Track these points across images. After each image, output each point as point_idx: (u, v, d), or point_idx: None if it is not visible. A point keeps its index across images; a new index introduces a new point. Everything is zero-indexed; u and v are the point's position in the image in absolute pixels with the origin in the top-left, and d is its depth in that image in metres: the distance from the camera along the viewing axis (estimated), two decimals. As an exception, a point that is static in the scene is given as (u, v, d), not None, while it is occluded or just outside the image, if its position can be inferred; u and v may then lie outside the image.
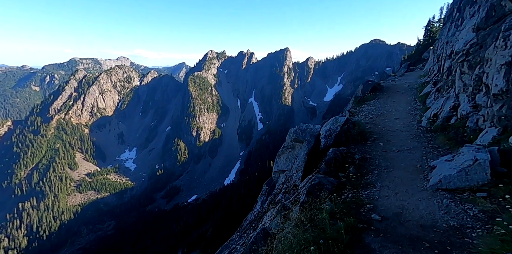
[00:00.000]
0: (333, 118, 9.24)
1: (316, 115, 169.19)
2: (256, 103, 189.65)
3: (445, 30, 16.11)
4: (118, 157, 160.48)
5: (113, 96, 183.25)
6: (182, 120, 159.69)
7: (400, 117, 11.11)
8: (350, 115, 12.76)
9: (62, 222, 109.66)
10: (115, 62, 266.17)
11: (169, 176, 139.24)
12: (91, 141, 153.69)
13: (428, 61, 25.50)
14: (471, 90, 7.76)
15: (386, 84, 20.47)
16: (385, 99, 14.91)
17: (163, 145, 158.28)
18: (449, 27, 14.30)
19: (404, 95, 15.58)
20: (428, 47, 40.44)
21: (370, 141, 8.53)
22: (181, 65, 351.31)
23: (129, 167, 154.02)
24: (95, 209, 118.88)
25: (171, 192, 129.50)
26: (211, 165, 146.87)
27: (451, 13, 16.99)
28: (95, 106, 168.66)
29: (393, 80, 23.50)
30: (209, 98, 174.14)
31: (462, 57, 8.37)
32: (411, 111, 11.71)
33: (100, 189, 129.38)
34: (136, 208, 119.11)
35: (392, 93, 16.53)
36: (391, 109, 12.60)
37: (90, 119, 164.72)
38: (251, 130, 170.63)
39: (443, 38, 15.77)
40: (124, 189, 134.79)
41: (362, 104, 14.79)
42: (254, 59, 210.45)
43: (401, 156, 7.15)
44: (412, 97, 14.53)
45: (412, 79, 22.12)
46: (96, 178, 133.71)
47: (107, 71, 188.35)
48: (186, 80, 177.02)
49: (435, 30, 55.46)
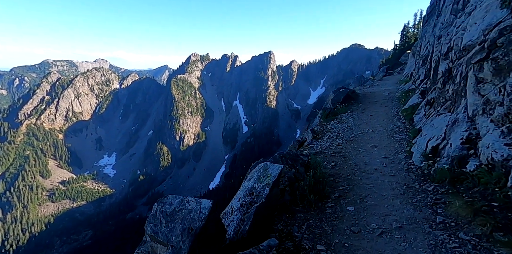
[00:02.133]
0: (260, 165, 4.81)
1: (300, 118, 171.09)
2: (241, 106, 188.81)
3: (429, 27, 14.21)
4: (96, 163, 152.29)
5: (90, 100, 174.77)
6: (165, 124, 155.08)
7: (380, 144, 8.02)
8: (314, 137, 9.88)
9: (32, 235, 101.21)
10: (93, 65, 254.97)
11: (151, 181, 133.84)
12: (66, 147, 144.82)
13: (407, 65, 24.12)
14: (503, 113, 4.29)
15: (363, 91, 17.59)
16: (361, 113, 12.05)
17: (145, 149, 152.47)
18: (435, 22, 12.30)
19: (383, 107, 12.61)
20: (405, 51, 41.92)
21: (332, 200, 5.09)
22: (163, 68, 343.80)
23: (108, 173, 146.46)
24: (70, 219, 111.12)
25: (153, 198, 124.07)
26: (196, 169, 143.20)
27: (433, 8, 15.81)
28: (70, 111, 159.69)
29: (371, 85, 21.33)
30: (193, 101, 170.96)
31: (480, 54, 5.00)
32: (395, 134, 8.67)
33: (76, 197, 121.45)
34: (115, 216, 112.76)
35: (369, 103, 13.52)
36: (368, 128, 9.61)
37: (65, 124, 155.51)
38: (236, 133, 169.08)
39: (428, 35, 13.72)
40: (103, 197, 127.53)
41: (331, 119, 11.93)
42: (238, 62, 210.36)
43: (388, 249, 3.58)
44: (394, 110, 11.61)
45: (392, 84, 20.33)
46: (72, 185, 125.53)
47: (83, 74, 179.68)
48: (169, 83, 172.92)
49: (410, 35, 58.21)
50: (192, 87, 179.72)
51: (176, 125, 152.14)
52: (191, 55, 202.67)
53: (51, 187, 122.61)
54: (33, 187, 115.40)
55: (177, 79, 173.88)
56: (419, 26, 56.42)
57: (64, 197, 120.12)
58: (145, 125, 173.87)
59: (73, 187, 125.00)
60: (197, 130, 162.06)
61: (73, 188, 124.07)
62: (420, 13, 56.32)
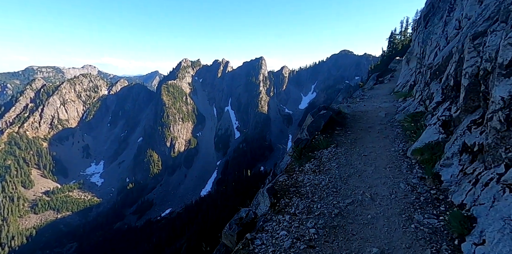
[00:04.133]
0: None
1: (292, 123, 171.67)
2: (232, 111, 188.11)
3: (436, 27, 11.27)
4: (82, 172, 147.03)
5: (77, 107, 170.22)
6: (155, 130, 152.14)
7: (391, 244, 3.93)
8: (272, 206, 5.31)
9: (11, 249, 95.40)
10: (80, 71, 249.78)
11: (140, 189, 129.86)
12: (51, 156, 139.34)
13: (401, 74, 21.57)
14: None
15: (352, 108, 13.33)
16: (350, 149, 7.69)
17: (134, 156, 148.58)
18: (445, 19, 9.77)
19: (381, 138, 8.31)
20: (394, 58, 41.78)
21: None
22: (154, 74, 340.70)
23: (95, 182, 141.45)
24: (54, 231, 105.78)
25: (143, 206, 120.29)
26: (187, 176, 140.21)
27: (432, 5, 13.72)
28: (55, 118, 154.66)
29: (361, 98, 17.27)
30: (184, 107, 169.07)
31: None
32: (414, 210, 4.58)
33: (60, 208, 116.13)
34: (102, 226, 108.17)
35: (361, 131, 9.18)
36: (362, 190, 5.50)
37: (50, 132, 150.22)
38: (228, 139, 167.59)
39: (435, 38, 10.52)
40: (89, 206, 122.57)
41: (307, 159, 7.46)
42: (229, 68, 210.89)
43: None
44: (398, 146, 7.48)
45: (385, 95, 17.59)
46: (56, 196, 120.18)
47: (70, 80, 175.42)
48: (160, 89, 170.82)
49: (397, 42, 59.51)
50: (183, 93, 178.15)
51: (167, 132, 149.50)
52: (182, 61, 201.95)
53: (33, 197, 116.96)
54: (14, 198, 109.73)
55: (167, 85, 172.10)
56: (406, 33, 57.82)
57: (48, 208, 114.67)
58: (135, 132, 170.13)
59: (58, 197, 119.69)
60: (188, 136, 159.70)
61: (57, 198, 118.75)
62: (406, 20, 57.75)
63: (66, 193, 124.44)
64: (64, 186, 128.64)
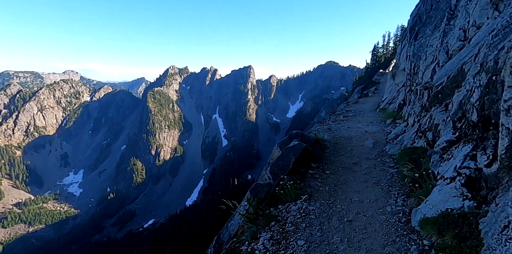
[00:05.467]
0: None
1: (279, 131, 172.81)
2: (220, 119, 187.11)
3: (430, 39, 9.36)
4: (59, 182, 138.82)
5: (56, 113, 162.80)
6: (139, 138, 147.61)
7: None
8: None
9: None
10: (61, 76, 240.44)
11: (122, 199, 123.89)
12: (24, 165, 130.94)
13: (386, 89, 20.84)
14: None
15: (333, 132, 11.07)
16: (327, 210, 5.01)
17: (117, 165, 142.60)
18: (444, 29, 7.99)
19: (371, 186, 5.91)
20: (377, 70, 42.63)
21: None
22: (140, 81, 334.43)
23: (73, 192, 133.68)
24: (24, 245, 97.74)
25: (124, 217, 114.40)
26: (172, 185, 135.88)
27: (419, 16, 12.33)
28: (31, 125, 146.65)
29: (345, 116, 15.31)
30: (170, 114, 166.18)
31: None
32: None
33: (33, 220, 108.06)
34: (79, 239, 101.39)
35: (344, 172, 6.83)
36: None
37: (25, 140, 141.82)
38: (216, 147, 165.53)
39: (431, 52, 8.70)
40: (65, 218, 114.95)
41: (264, 226, 4.80)
42: (218, 76, 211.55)
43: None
44: (396, 203, 5.06)
45: (371, 112, 16.30)
46: (28, 208, 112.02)
47: (49, 86, 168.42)
48: (145, 96, 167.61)
49: (380, 55, 61.28)
50: (170, 100, 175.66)
51: (152, 139, 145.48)
52: (169, 68, 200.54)
53: (2, 210, 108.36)
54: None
55: (154, 92, 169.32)
56: (388, 47, 60.10)
57: (19, 221, 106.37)
58: (118, 140, 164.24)
59: (30, 209, 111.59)
60: (174, 143, 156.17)
61: (30, 210, 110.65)
62: (388, 35, 60.09)
63: (40, 205, 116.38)
64: (38, 197, 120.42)
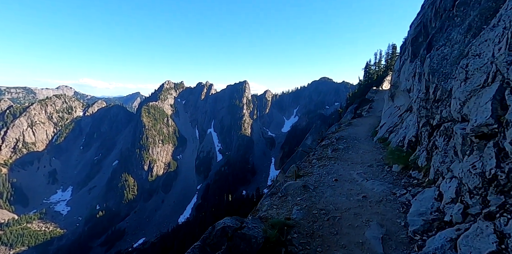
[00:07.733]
0: None
1: (274, 146, 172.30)
2: (215, 133, 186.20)
3: (479, 45, 4.98)
4: (46, 200, 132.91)
5: (47, 129, 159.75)
6: (132, 153, 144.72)
7: None
8: None
9: None
10: (55, 92, 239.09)
11: (112, 217, 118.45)
12: (10, 183, 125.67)
13: (384, 112, 18.61)
14: None
15: (309, 196, 6.98)
16: None
17: (108, 181, 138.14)
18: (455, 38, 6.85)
19: None
20: (370, 87, 42.71)
21: None
22: (135, 95, 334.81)
23: (59, 210, 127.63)
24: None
25: (112, 236, 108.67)
26: (164, 201, 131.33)
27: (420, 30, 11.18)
28: (20, 141, 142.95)
29: (335, 148, 12.57)
30: (164, 129, 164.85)
31: None
32: None
33: (14, 242, 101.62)
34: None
35: None
36: None
37: (12, 157, 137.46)
38: (210, 161, 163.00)
39: (479, 64, 4.75)
40: (50, 239, 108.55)
41: None
42: (213, 90, 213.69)
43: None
44: None
45: (366, 140, 14.42)
46: (11, 228, 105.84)
47: (41, 101, 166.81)
48: (140, 111, 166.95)
49: (372, 72, 62.06)
50: (165, 114, 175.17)
51: (145, 154, 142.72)
52: (165, 83, 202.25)
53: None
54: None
55: (148, 107, 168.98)
56: (380, 64, 61.39)
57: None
58: (110, 155, 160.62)
59: (13, 230, 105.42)
60: (168, 158, 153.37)
61: (12, 231, 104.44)
62: (379, 52, 61.52)
63: (24, 225, 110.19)
64: (22, 217, 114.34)
